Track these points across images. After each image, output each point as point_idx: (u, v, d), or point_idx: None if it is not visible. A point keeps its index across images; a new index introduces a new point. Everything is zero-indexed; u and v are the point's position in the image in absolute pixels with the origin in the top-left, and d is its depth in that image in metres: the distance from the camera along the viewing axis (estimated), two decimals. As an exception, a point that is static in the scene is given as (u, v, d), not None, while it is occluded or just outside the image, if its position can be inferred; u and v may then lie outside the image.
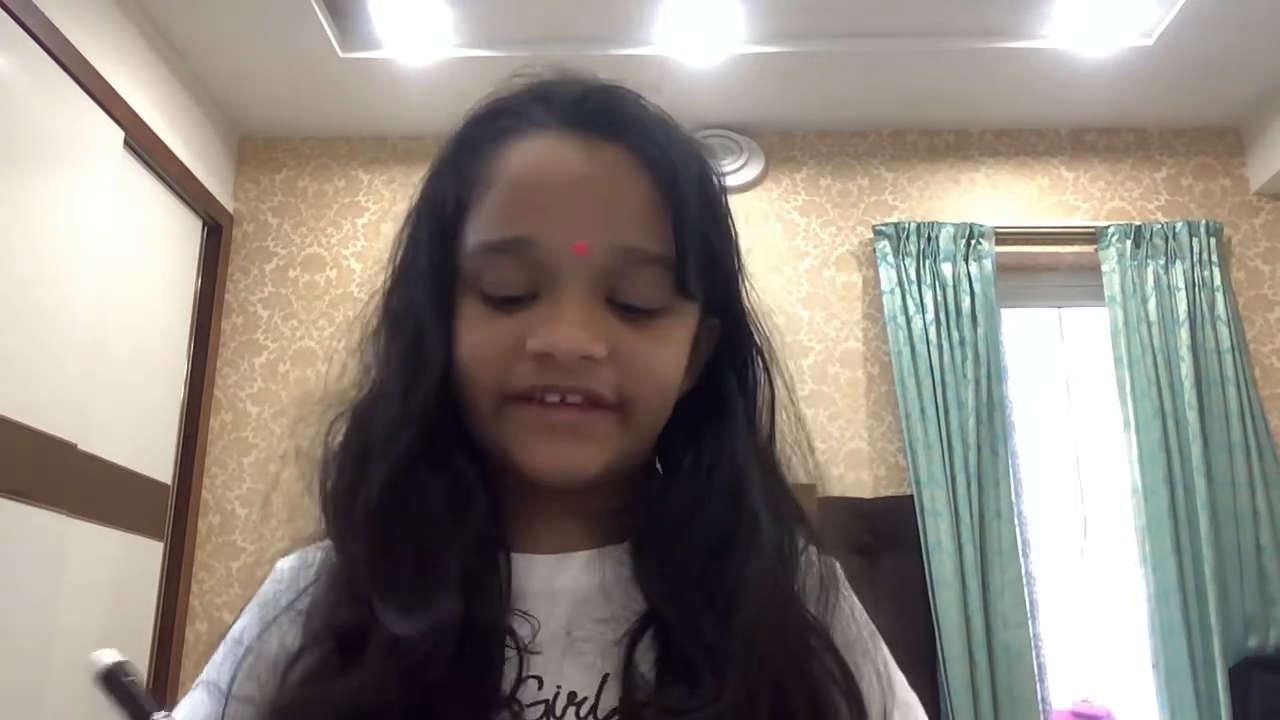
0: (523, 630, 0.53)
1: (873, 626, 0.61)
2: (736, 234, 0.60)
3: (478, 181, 0.55)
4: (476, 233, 0.54)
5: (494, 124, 0.57)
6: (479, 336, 0.53)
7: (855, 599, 0.62)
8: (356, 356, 0.60)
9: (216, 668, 0.56)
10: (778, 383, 0.62)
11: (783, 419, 0.62)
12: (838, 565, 0.61)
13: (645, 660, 0.52)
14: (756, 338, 0.61)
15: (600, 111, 0.55)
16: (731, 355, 0.61)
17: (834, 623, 0.57)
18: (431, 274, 0.55)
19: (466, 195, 0.55)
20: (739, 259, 0.60)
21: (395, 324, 0.58)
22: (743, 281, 0.61)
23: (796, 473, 0.62)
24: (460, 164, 0.57)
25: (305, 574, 0.57)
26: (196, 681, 0.57)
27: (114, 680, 0.43)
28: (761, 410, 0.61)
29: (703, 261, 0.54)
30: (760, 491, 0.56)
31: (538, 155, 0.54)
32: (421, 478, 0.54)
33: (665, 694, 0.50)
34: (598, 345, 0.52)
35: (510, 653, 0.52)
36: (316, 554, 0.58)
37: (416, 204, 0.59)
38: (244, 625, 0.58)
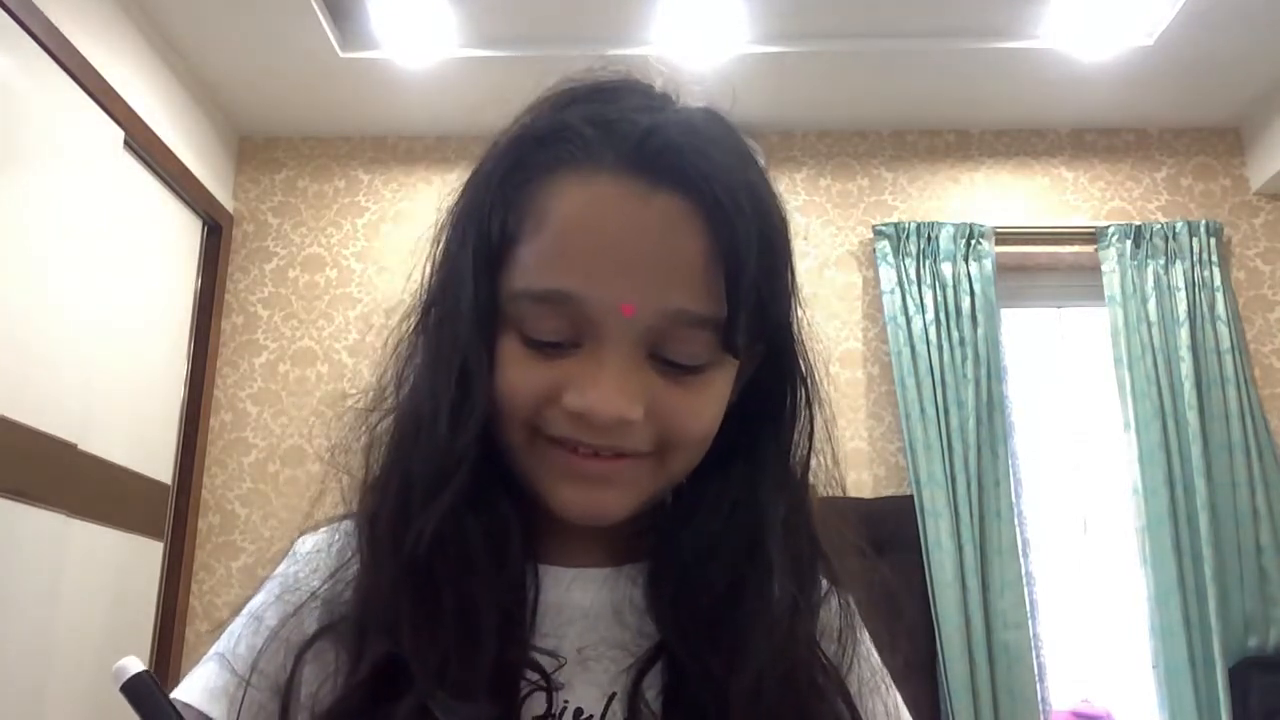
0: (545, 663, 0.53)
1: (884, 668, 0.62)
2: (793, 266, 0.57)
3: (527, 214, 0.52)
4: (522, 275, 0.52)
5: (549, 149, 0.53)
6: (516, 376, 0.52)
7: (868, 638, 0.62)
8: (392, 362, 0.58)
9: (233, 642, 0.56)
10: (818, 417, 0.60)
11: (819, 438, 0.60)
12: (852, 602, 0.62)
13: (653, 688, 0.53)
14: (802, 366, 0.59)
15: (663, 153, 0.50)
16: (773, 383, 0.58)
17: (849, 663, 0.58)
18: (477, 308, 0.53)
19: (515, 225, 0.52)
20: (794, 291, 0.58)
21: (438, 351, 0.55)
22: (795, 310, 0.58)
23: (817, 487, 0.61)
24: (509, 188, 0.53)
25: (327, 559, 0.58)
26: (210, 652, 0.57)
27: (140, 690, 0.43)
28: (798, 443, 0.59)
29: (754, 318, 0.52)
30: (780, 536, 0.56)
31: (591, 202, 0.51)
32: (467, 526, 0.53)
33: None
34: (635, 409, 0.51)
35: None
36: (337, 537, 0.58)
37: (460, 213, 0.57)
38: (263, 603, 0.58)
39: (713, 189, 0.50)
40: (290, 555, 0.61)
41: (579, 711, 0.53)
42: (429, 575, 0.52)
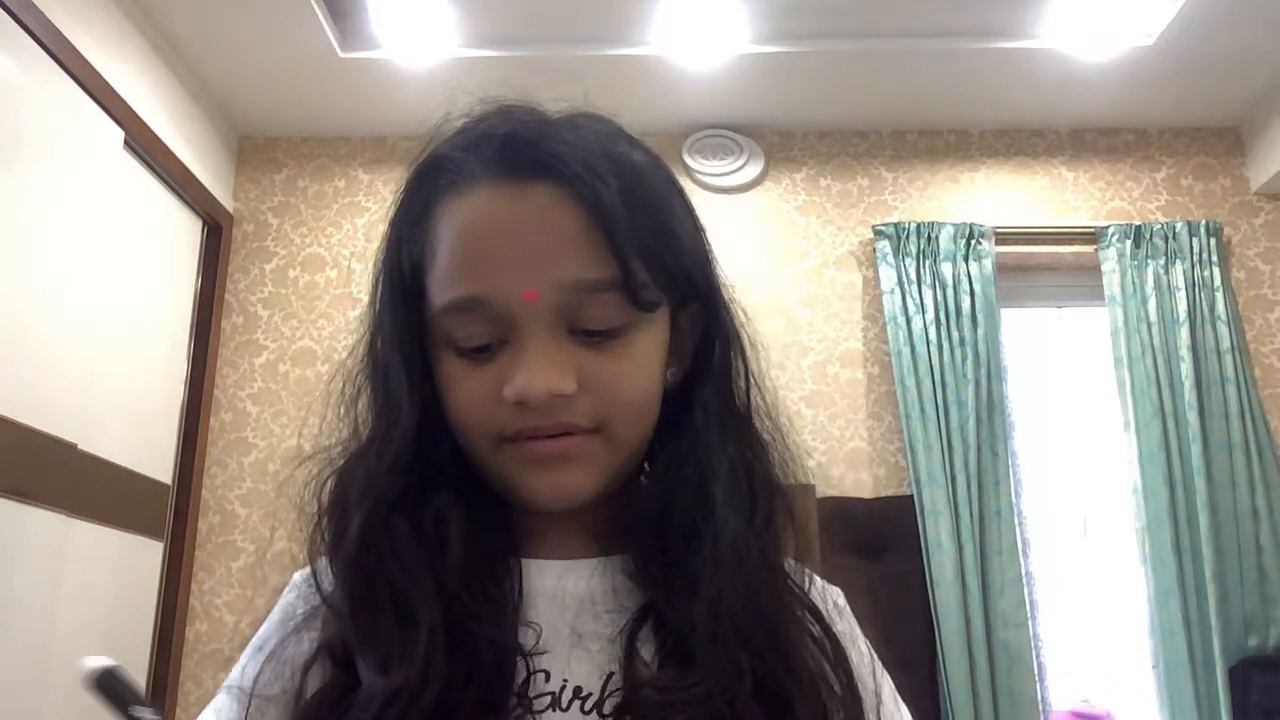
0: (527, 639, 0.56)
1: (876, 657, 0.64)
2: (693, 219, 0.62)
3: (425, 244, 0.58)
4: (437, 294, 0.56)
5: (433, 182, 0.59)
6: (462, 390, 0.57)
7: (859, 629, 0.65)
8: (341, 410, 0.63)
9: (240, 672, 0.59)
10: (751, 358, 0.64)
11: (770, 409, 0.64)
12: (841, 596, 0.65)
13: (647, 651, 0.55)
14: (723, 315, 0.63)
15: (522, 151, 0.56)
16: (704, 341, 0.62)
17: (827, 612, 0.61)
18: (398, 335, 0.58)
19: (419, 256, 0.58)
20: (701, 242, 0.62)
21: (374, 383, 0.61)
22: (712, 269, 0.62)
23: (794, 473, 0.64)
24: (409, 226, 0.59)
25: (324, 582, 0.60)
26: (221, 686, 0.60)
27: (100, 683, 0.45)
28: (736, 392, 0.63)
29: (654, 270, 0.56)
30: (728, 477, 0.59)
31: (473, 212, 0.56)
32: (397, 527, 0.56)
33: (659, 676, 0.54)
34: (566, 382, 0.54)
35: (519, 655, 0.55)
36: (329, 565, 0.61)
37: (380, 260, 0.62)
38: (265, 632, 0.61)
39: (571, 166, 0.55)
40: (289, 586, 0.64)
41: (578, 690, 0.55)
42: (367, 584, 0.55)
